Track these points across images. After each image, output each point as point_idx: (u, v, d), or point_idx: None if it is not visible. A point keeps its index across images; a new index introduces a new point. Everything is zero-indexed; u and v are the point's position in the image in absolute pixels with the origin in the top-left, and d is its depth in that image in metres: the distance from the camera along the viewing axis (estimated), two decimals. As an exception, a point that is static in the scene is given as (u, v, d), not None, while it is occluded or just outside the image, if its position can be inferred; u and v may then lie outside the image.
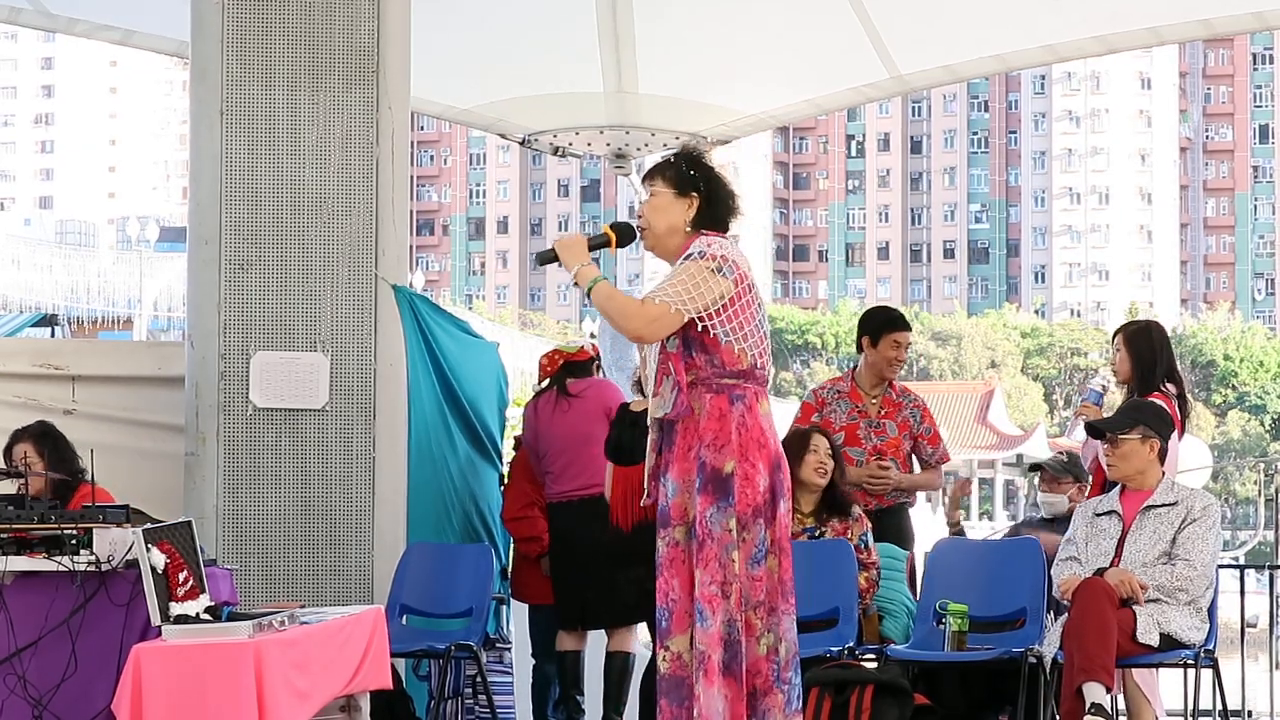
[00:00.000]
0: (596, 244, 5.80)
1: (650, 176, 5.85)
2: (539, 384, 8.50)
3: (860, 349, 8.53)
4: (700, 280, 5.61)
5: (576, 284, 5.73)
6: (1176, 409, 7.80)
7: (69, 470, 7.61)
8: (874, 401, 8.47)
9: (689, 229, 5.77)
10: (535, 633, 8.62)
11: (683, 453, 5.67)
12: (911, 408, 8.52)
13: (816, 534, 7.83)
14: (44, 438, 7.72)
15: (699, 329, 5.65)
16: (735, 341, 5.64)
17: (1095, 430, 7.50)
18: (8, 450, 7.72)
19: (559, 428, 8.24)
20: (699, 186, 5.78)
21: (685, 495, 5.67)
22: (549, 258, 5.81)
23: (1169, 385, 7.91)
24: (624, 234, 5.84)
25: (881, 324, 8.53)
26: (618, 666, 8.13)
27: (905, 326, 8.58)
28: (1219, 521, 7.29)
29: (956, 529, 8.63)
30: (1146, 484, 7.30)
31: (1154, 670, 7.58)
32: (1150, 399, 7.67)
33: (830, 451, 7.92)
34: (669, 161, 5.87)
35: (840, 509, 7.89)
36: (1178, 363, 8.14)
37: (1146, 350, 7.98)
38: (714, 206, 5.79)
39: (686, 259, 5.68)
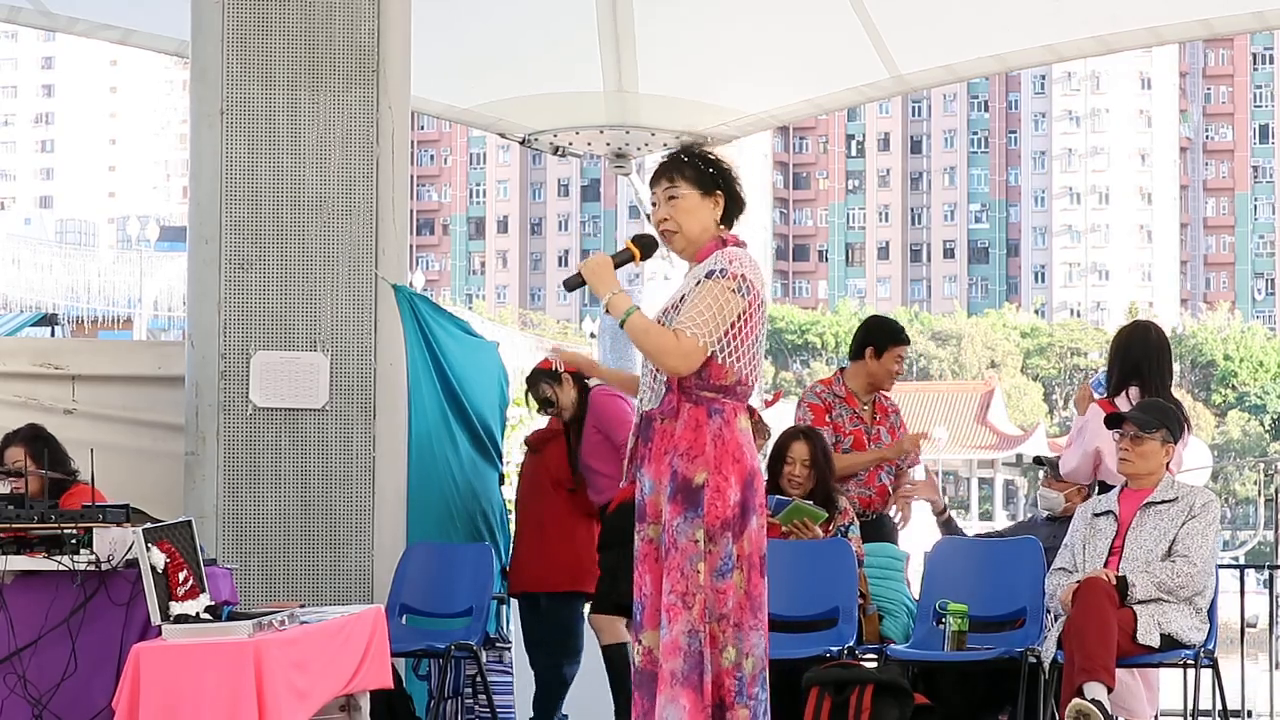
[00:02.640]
0: (621, 261, 5.68)
1: (668, 178, 5.71)
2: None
3: (859, 356, 8.53)
4: (722, 304, 5.55)
5: (608, 311, 5.60)
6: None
7: (64, 470, 7.61)
8: (867, 408, 8.55)
9: (719, 228, 5.75)
10: (543, 630, 8.55)
11: (659, 454, 5.65)
12: (894, 414, 8.64)
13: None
14: (36, 440, 7.70)
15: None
16: (727, 358, 5.61)
17: (1116, 420, 7.47)
18: (-1, 454, 7.71)
19: None
20: (719, 184, 5.72)
21: (658, 496, 5.66)
22: (576, 283, 5.70)
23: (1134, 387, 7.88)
24: (647, 247, 5.75)
25: (889, 337, 8.55)
26: None
27: (908, 340, 8.69)
28: (1219, 518, 7.30)
29: (944, 517, 8.64)
30: (1149, 483, 7.31)
31: (1134, 674, 7.56)
32: (1163, 401, 7.65)
33: (809, 460, 7.95)
34: (683, 160, 5.75)
35: (827, 510, 7.91)
36: (1154, 360, 8.02)
37: (1125, 349, 7.99)
38: (734, 202, 5.76)
39: (708, 277, 5.59)
